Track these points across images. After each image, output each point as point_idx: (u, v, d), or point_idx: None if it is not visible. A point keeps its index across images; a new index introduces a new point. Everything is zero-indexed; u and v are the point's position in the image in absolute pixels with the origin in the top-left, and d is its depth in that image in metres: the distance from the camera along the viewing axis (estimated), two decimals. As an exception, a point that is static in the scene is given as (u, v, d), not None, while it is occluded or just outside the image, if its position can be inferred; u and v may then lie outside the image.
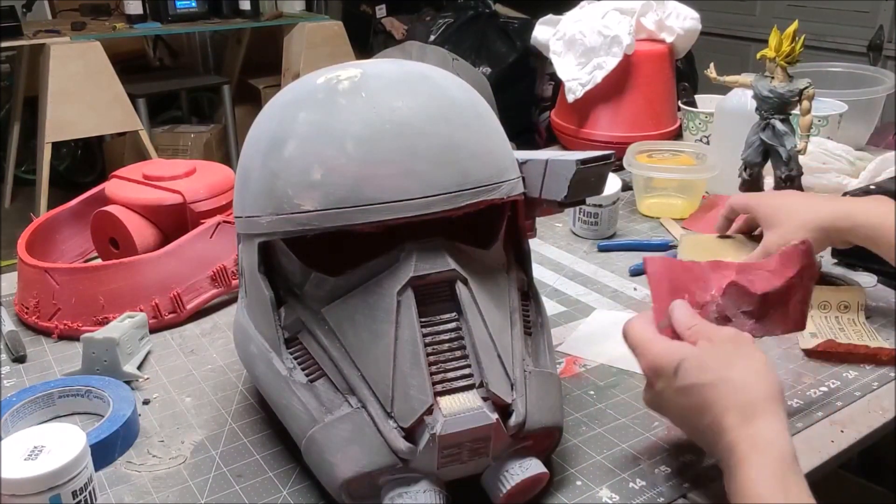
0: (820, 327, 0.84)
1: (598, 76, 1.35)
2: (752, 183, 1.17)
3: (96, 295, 0.86)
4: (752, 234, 0.95)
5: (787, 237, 0.80)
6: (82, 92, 2.91)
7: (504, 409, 0.56)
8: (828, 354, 0.80)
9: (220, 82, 3.71)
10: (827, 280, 0.95)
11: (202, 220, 0.93)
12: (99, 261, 0.98)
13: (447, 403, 0.55)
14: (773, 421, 0.54)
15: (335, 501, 0.58)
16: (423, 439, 0.54)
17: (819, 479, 0.67)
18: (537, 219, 0.73)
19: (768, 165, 1.14)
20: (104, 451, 0.66)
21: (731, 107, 1.24)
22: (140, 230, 0.93)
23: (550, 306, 0.92)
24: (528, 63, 3.28)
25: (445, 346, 0.57)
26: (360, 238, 0.63)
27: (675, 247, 1.07)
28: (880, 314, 0.89)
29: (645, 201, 1.21)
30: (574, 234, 1.14)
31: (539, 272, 1.01)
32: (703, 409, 0.57)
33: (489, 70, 3.20)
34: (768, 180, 1.17)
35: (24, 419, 0.71)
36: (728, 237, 0.96)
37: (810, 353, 0.81)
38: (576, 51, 1.38)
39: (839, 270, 1.00)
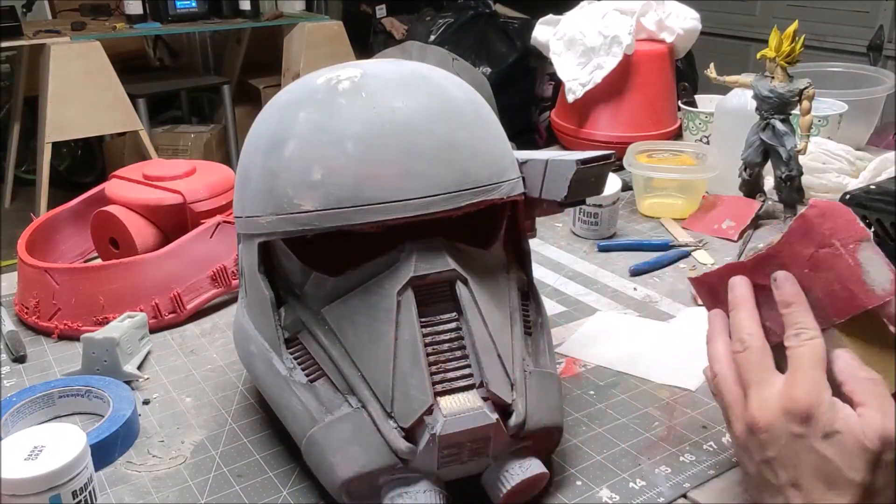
0: None
1: (598, 76, 1.35)
2: (752, 183, 1.17)
3: (96, 295, 0.86)
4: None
5: None
6: (82, 92, 2.91)
7: (504, 409, 0.56)
8: None
9: (220, 82, 3.71)
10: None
11: (202, 220, 0.93)
12: (99, 261, 0.98)
13: (447, 403, 0.55)
14: None
15: (335, 501, 0.58)
16: (423, 439, 0.54)
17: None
18: (537, 219, 0.73)
19: (768, 165, 1.14)
20: (104, 451, 0.66)
21: (731, 107, 1.24)
22: (140, 230, 0.93)
23: (550, 306, 0.92)
24: (528, 63, 3.28)
25: (445, 346, 0.57)
26: (360, 238, 0.63)
27: (674, 246, 1.07)
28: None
29: (645, 201, 1.21)
30: (574, 234, 1.14)
31: (539, 272, 1.01)
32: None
33: (489, 70, 3.21)
34: (768, 180, 1.17)
35: (24, 419, 0.71)
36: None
37: None
38: (576, 51, 1.38)
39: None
